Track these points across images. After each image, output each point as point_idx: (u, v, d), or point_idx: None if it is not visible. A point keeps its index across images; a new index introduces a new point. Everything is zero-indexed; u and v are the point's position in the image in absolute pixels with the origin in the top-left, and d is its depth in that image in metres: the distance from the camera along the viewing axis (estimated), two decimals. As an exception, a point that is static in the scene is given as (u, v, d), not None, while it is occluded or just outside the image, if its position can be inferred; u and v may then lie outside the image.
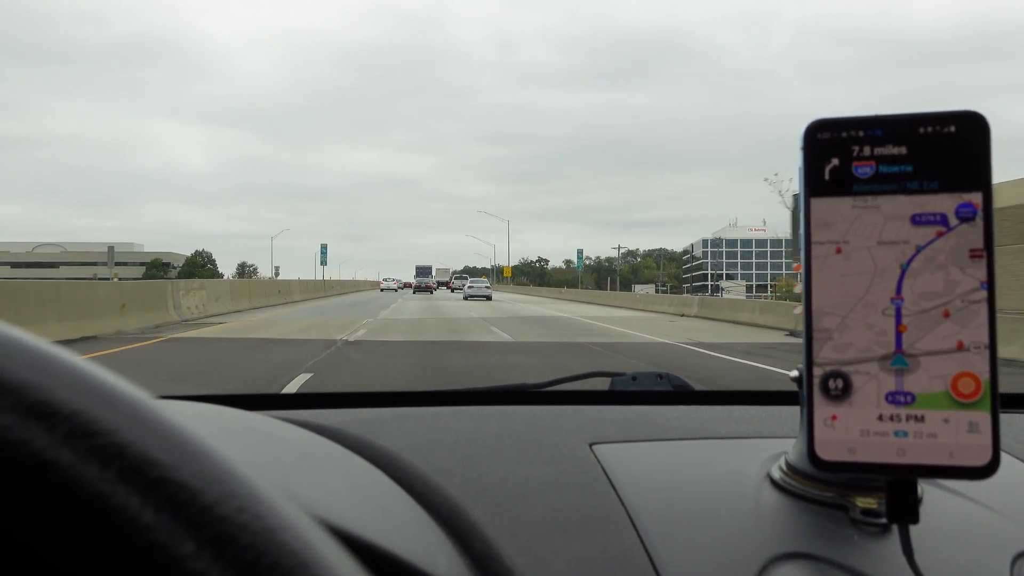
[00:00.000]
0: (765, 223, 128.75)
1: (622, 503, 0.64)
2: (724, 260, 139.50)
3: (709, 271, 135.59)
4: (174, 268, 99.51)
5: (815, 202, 0.51)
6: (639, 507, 0.63)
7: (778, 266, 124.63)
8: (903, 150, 0.50)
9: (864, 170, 0.51)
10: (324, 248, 64.17)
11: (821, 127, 0.51)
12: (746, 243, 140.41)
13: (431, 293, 52.73)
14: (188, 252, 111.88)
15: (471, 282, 45.38)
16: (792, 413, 0.89)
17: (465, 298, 39.80)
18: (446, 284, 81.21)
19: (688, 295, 44.08)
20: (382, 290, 59.95)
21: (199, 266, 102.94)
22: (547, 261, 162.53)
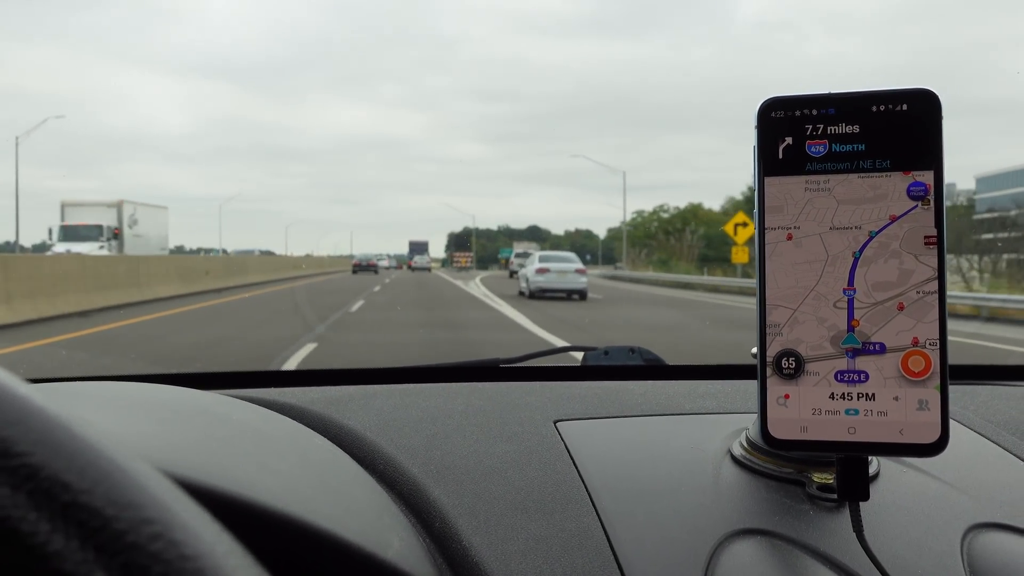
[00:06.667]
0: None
1: (583, 481, 0.64)
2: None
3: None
4: None
5: (769, 182, 0.51)
6: (600, 484, 0.63)
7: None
8: (856, 128, 0.50)
9: (817, 148, 0.50)
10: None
11: (775, 105, 0.51)
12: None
13: (375, 273, 35.64)
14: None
15: (542, 261, 18.45)
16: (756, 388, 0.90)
17: (530, 294, 17.61)
18: (458, 262, 55.36)
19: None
20: (355, 271, 36.77)
21: None
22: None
